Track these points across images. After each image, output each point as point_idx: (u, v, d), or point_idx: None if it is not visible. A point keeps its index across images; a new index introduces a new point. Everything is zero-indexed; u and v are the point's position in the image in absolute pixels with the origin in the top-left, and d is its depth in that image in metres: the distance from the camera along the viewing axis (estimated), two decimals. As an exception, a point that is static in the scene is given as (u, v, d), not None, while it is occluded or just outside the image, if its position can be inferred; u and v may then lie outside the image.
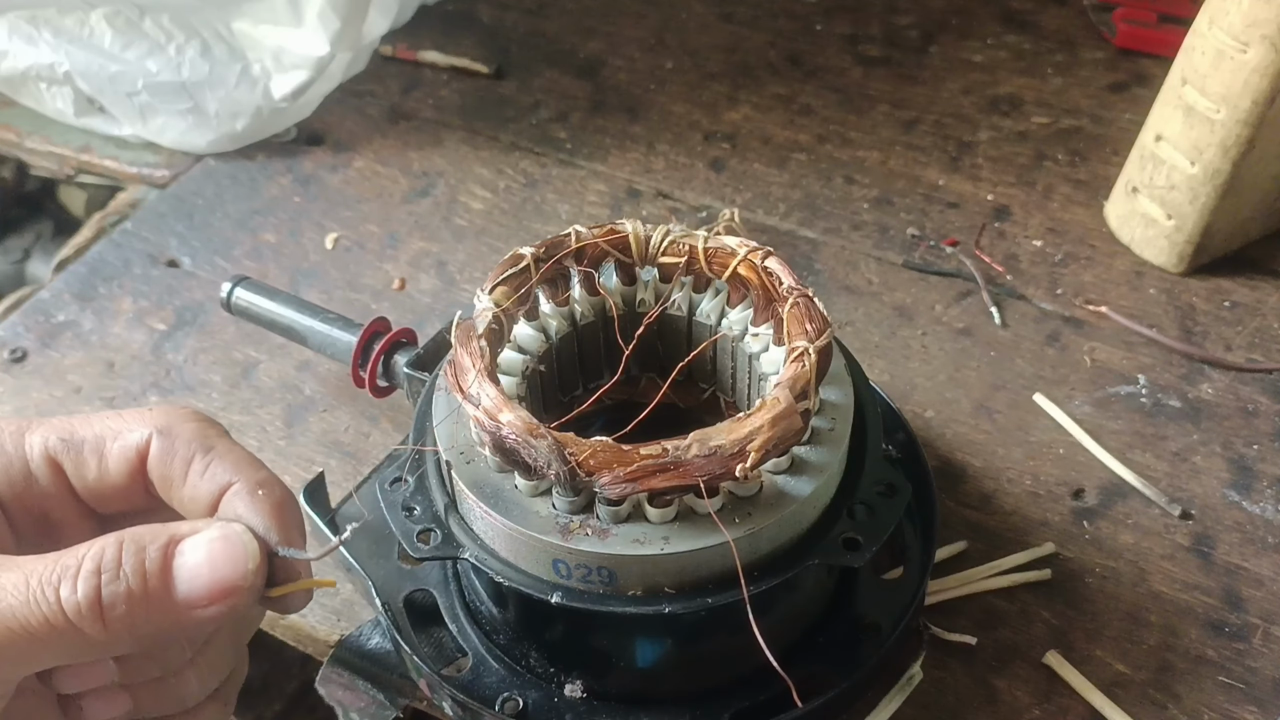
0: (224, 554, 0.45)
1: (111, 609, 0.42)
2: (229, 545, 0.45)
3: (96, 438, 0.50)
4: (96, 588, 0.42)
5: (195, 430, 0.50)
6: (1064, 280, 0.88)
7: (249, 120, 1.01)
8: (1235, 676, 0.63)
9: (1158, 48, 1.09)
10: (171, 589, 0.44)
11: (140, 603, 0.43)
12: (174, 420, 0.50)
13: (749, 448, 0.49)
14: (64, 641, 0.42)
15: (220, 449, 0.50)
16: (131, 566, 0.43)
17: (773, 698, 0.59)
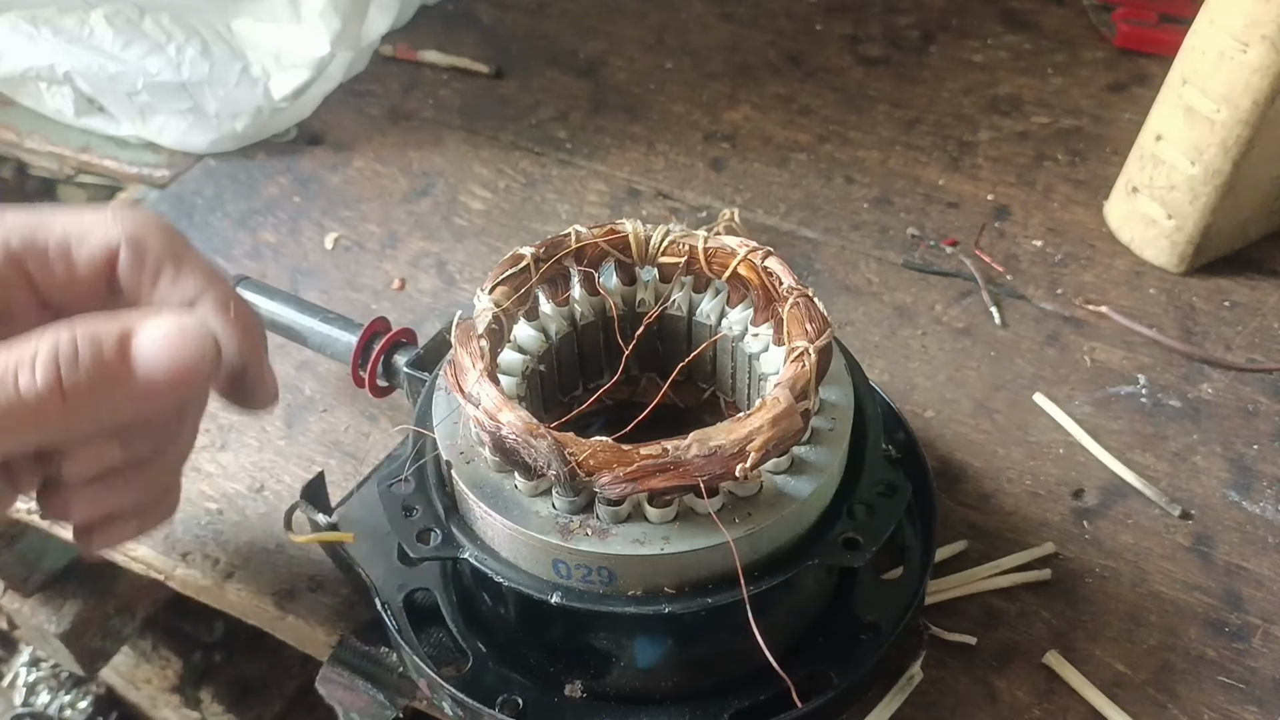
0: (181, 339, 0.45)
1: (73, 391, 0.43)
2: (183, 335, 0.45)
3: (61, 241, 0.49)
4: (56, 372, 0.43)
5: (164, 241, 0.50)
6: (1064, 280, 0.88)
7: (249, 120, 1.01)
8: (1235, 676, 0.63)
9: (1158, 48, 1.09)
10: (131, 371, 0.44)
11: (100, 385, 0.44)
12: (142, 229, 0.49)
13: (749, 448, 0.49)
14: (28, 425, 0.43)
15: (189, 261, 0.49)
16: (90, 352, 0.43)
17: (773, 698, 0.59)
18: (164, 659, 1.15)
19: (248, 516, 0.74)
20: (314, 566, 0.71)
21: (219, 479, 0.76)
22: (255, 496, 0.75)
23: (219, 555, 0.72)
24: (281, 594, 0.70)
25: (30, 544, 0.88)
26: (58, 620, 0.91)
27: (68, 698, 1.20)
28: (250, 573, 0.71)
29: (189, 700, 1.13)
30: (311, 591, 0.70)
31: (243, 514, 0.74)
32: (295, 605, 0.69)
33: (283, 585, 0.70)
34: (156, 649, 1.15)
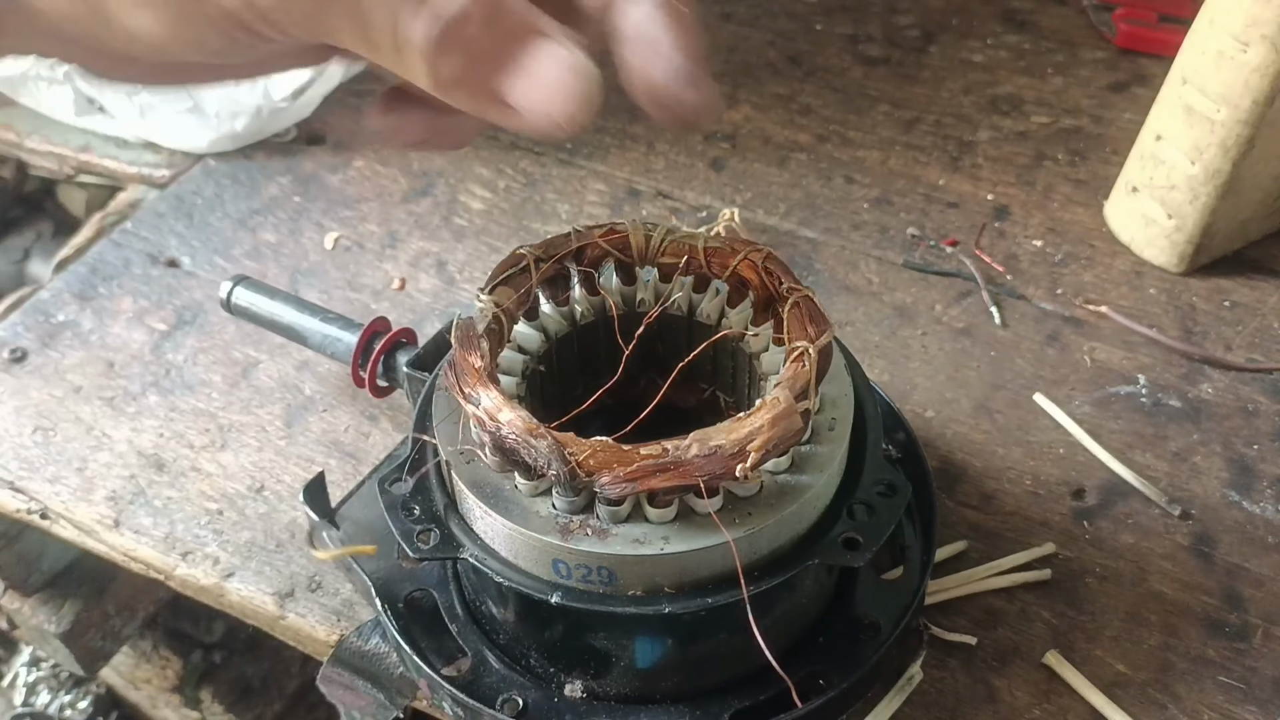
0: (567, 82, 0.41)
1: (442, 75, 0.41)
2: (577, 77, 0.41)
3: None
4: (435, 45, 0.40)
5: None
6: (1064, 280, 0.88)
7: (249, 120, 1.01)
8: (1235, 676, 0.63)
9: (1158, 48, 1.09)
10: (496, 87, 0.42)
11: (468, 82, 0.42)
12: None
13: (749, 448, 0.49)
14: (385, 60, 0.41)
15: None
16: (477, 44, 0.41)
17: (773, 698, 0.59)
18: (164, 659, 1.15)
19: (248, 516, 0.74)
20: (314, 566, 0.71)
21: (219, 479, 0.77)
22: (255, 496, 0.75)
23: (219, 555, 0.72)
24: (281, 594, 0.70)
25: (30, 544, 0.88)
26: (58, 620, 0.91)
27: (68, 698, 1.20)
28: (250, 573, 0.71)
29: (189, 700, 1.13)
30: (311, 591, 0.70)
31: (243, 514, 0.74)
32: (295, 605, 0.69)
33: (283, 585, 0.70)
34: (156, 649, 1.15)
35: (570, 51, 0.42)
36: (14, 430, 0.80)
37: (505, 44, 0.41)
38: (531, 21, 0.42)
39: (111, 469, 0.78)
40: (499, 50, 0.41)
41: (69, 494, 0.76)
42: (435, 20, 0.40)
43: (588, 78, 0.42)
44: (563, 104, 0.42)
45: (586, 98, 0.42)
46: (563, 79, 0.41)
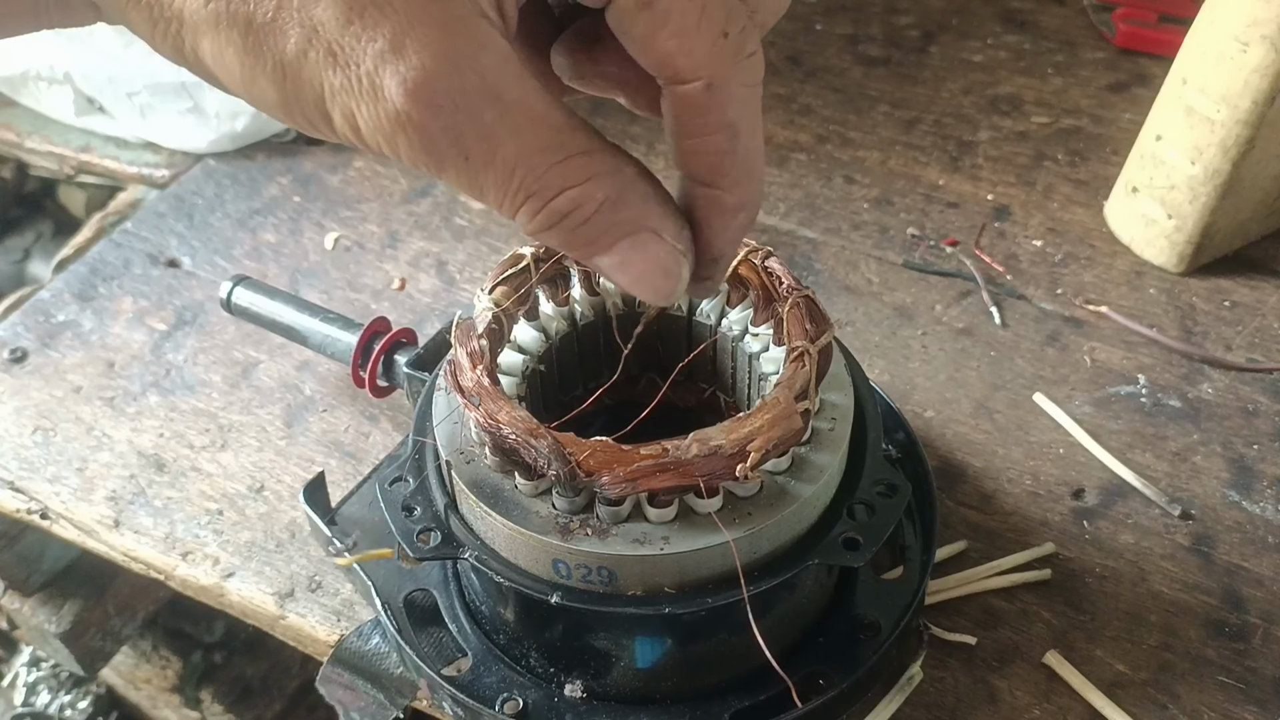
0: (656, 280, 0.44)
1: (540, 238, 0.43)
2: (666, 280, 0.44)
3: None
4: (539, 231, 0.42)
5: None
6: (1064, 280, 0.88)
7: (249, 120, 1.01)
8: (1235, 676, 0.63)
9: (1158, 48, 1.09)
10: (593, 259, 0.44)
11: (571, 253, 0.44)
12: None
13: (749, 448, 0.49)
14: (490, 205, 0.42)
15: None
16: (584, 235, 0.42)
17: (773, 698, 0.59)
18: (164, 659, 1.15)
19: (248, 516, 0.74)
20: (314, 566, 0.71)
21: (219, 479, 0.77)
22: (255, 496, 0.75)
23: (219, 555, 0.72)
24: (281, 594, 0.70)
25: (30, 544, 0.88)
26: (58, 620, 0.91)
27: (68, 698, 1.20)
28: (250, 573, 0.71)
29: (189, 700, 1.13)
30: (311, 591, 0.70)
31: (243, 514, 0.74)
32: (295, 605, 0.69)
33: (283, 585, 0.70)
34: (156, 649, 1.15)
35: (669, 250, 0.44)
36: (14, 430, 0.80)
37: (606, 236, 0.43)
38: (642, 219, 0.43)
39: (112, 469, 0.78)
40: (600, 240, 0.43)
41: (69, 494, 0.76)
42: (547, 214, 0.41)
43: (678, 279, 0.44)
44: (649, 294, 0.44)
45: (672, 293, 0.45)
46: (654, 277, 0.44)
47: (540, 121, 0.41)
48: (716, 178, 0.45)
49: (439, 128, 0.39)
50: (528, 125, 0.40)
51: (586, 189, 0.41)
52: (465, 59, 0.39)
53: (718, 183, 0.45)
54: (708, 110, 0.44)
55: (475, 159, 0.40)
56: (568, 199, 0.41)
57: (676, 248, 0.44)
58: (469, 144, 0.39)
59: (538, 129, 0.40)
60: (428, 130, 0.39)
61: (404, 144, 0.39)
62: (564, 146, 0.41)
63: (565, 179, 0.41)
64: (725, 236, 0.46)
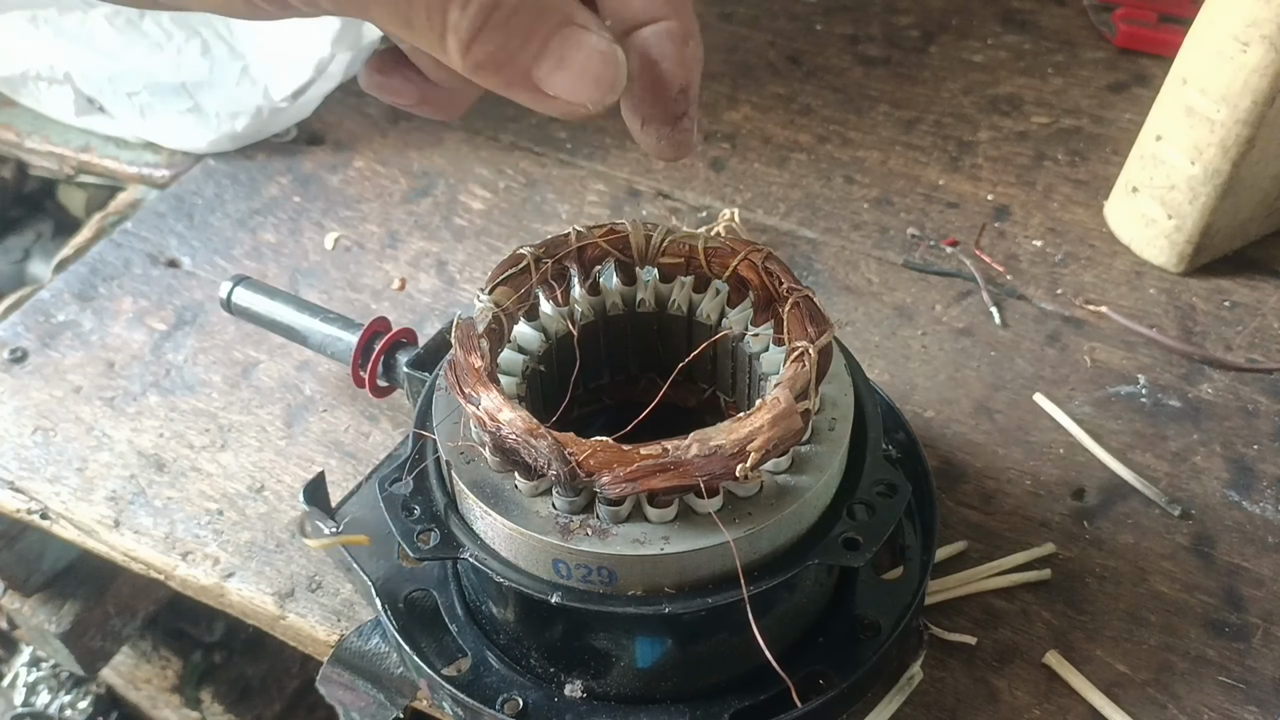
0: (597, 69, 0.44)
1: (477, 62, 0.43)
2: (606, 66, 0.44)
3: None
4: (475, 31, 0.42)
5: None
6: (1064, 280, 0.88)
7: (249, 120, 1.01)
8: (1235, 676, 0.63)
9: (1158, 48, 1.09)
10: (532, 69, 0.44)
11: (501, 66, 0.43)
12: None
13: (749, 448, 0.49)
14: (418, 40, 0.43)
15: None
16: (516, 31, 0.43)
17: (773, 698, 0.59)
18: (164, 659, 1.15)
19: (248, 516, 0.74)
20: (314, 566, 0.71)
21: (219, 479, 0.77)
22: (255, 496, 0.75)
23: (219, 555, 0.72)
24: (281, 594, 0.70)
25: (30, 544, 0.88)
26: (58, 620, 0.91)
27: (68, 698, 1.20)
28: (250, 573, 0.71)
29: (189, 700, 1.13)
30: (311, 591, 0.70)
31: (243, 514, 0.74)
32: (295, 605, 0.69)
33: (283, 585, 0.70)
34: (156, 649, 1.15)
35: (602, 39, 0.44)
36: (14, 430, 0.80)
37: (541, 31, 0.43)
38: (568, 11, 0.44)
39: (112, 469, 0.78)
40: (534, 37, 0.43)
41: (69, 494, 0.76)
42: (477, 6, 0.42)
43: (617, 64, 0.45)
44: (593, 89, 0.44)
45: (615, 83, 0.45)
46: (594, 66, 0.44)
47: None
48: (656, 7, 0.48)
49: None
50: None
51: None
52: None
53: (663, 13, 0.48)
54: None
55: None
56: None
57: (605, 36, 0.45)
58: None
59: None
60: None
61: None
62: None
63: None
64: (686, 63, 0.49)
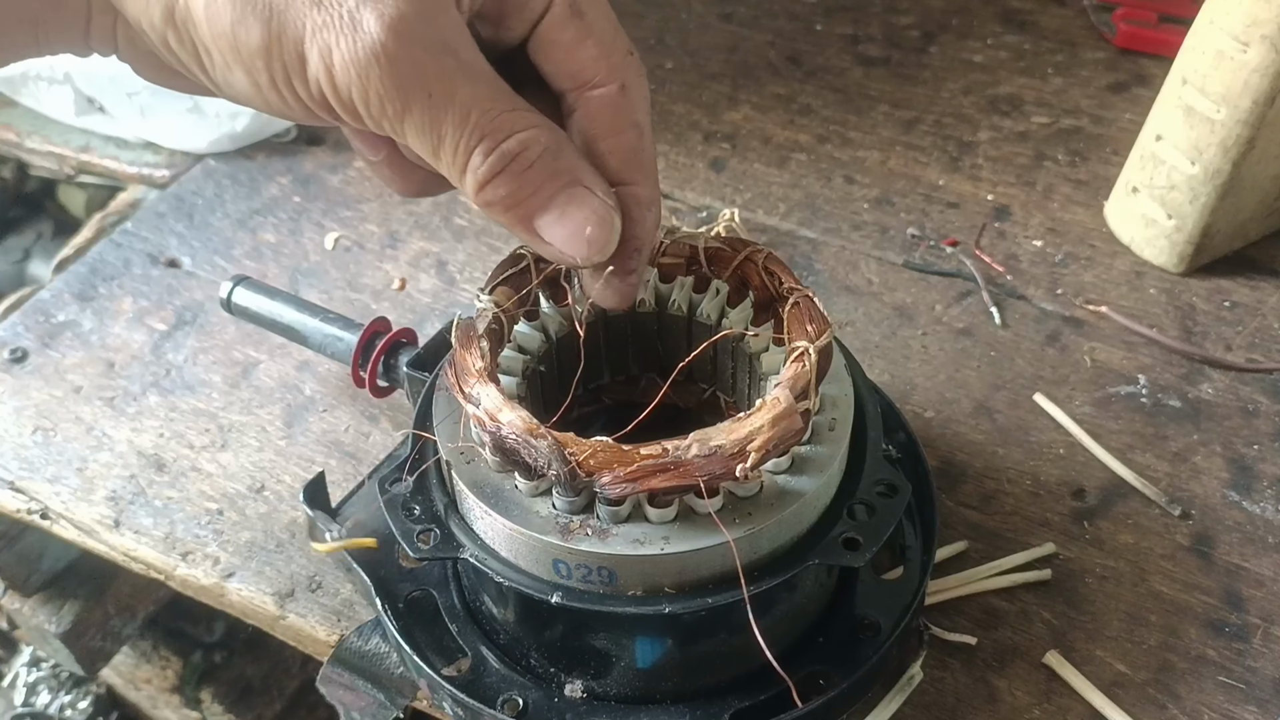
0: (593, 231, 0.49)
1: (487, 200, 0.48)
2: (601, 230, 0.49)
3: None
4: (492, 175, 0.47)
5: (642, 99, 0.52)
6: (1064, 280, 0.88)
7: (249, 120, 1.01)
8: (1235, 676, 0.63)
9: (1158, 48, 1.09)
10: (535, 217, 0.49)
11: (509, 208, 0.49)
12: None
13: (749, 448, 0.49)
14: (440, 169, 0.48)
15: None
16: (528, 182, 0.48)
17: (773, 698, 0.59)
18: (164, 659, 1.15)
19: (248, 516, 0.74)
20: (314, 566, 0.71)
21: (219, 479, 0.77)
22: (255, 496, 0.75)
23: (219, 555, 0.72)
24: (281, 594, 0.70)
25: (30, 544, 0.88)
26: (58, 620, 0.91)
27: (68, 698, 1.20)
28: (250, 573, 0.71)
29: (189, 700, 1.13)
30: (311, 591, 0.70)
31: (243, 514, 0.74)
32: (295, 605, 0.69)
33: (283, 585, 0.70)
34: (156, 649, 1.15)
35: (603, 204, 0.49)
36: (14, 430, 0.80)
37: (550, 186, 0.48)
38: (578, 173, 0.49)
39: (112, 469, 0.78)
40: (543, 190, 0.48)
41: (69, 494, 0.76)
42: (499, 155, 0.47)
43: (612, 229, 0.50)
44: (585, 247, 0.49)
45: (606, 246, 0.50)
46: (591, 228, 0.49)
47: (491, 78, 0.47)
48: (630, 172, 0.51)
49: (409, 61, 0.44)
50: (481, 77, 0.47)
51: (532, 134, 0.47)
52: (433, 13, 0.45)
53: (631, 177, 0.51)
54: (620, 110, 0.51)
55: (437, 97, 0.45)
56: (517, 141, 0.47)
57: (608, 202, 0.49)
58: (431, 81, 0.45)
59: (490, 82, 0.47)
60: (399, 62, 0.44)
61: (375, 78, 0.44)
62: (511, 100, 0.47)
63: (514, 124, 0.47)
64: (644, 227, 0.52)
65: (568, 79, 0.51)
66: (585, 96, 0.51)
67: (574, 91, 0.51)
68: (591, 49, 0.50)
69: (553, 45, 0.50)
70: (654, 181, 0.52)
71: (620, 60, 0.51)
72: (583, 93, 0.51)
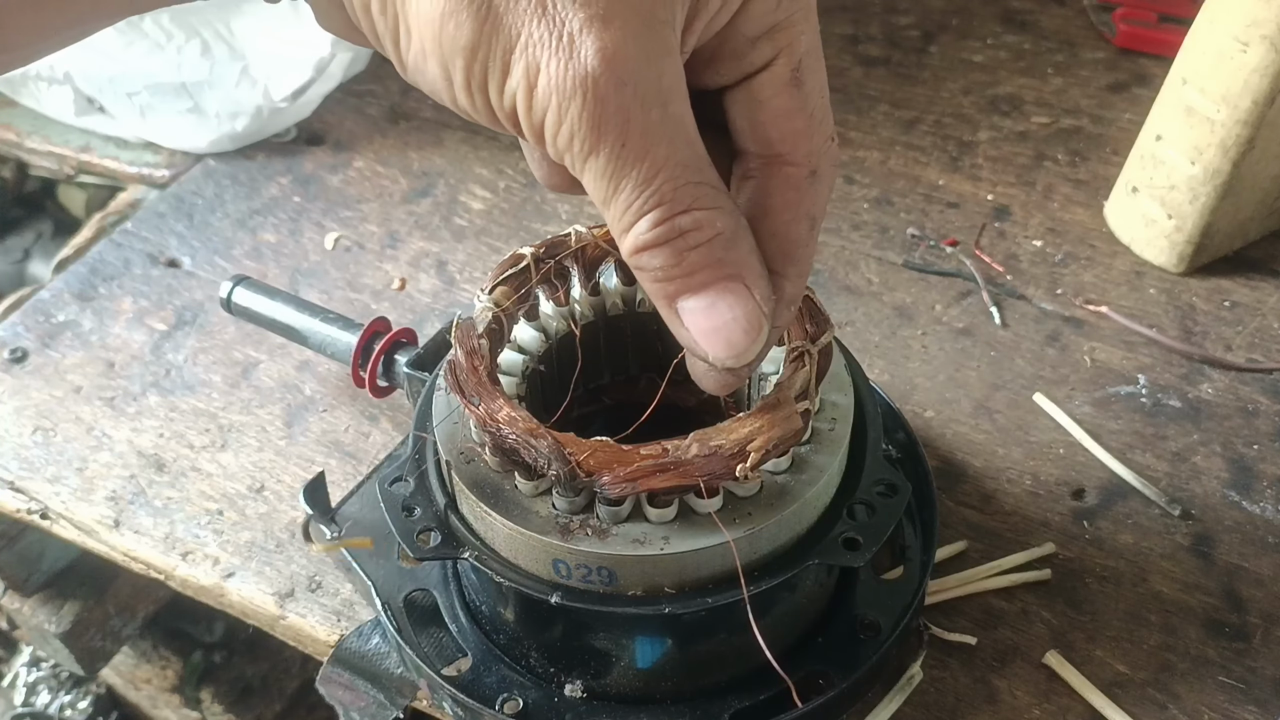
0: (737, 334, 0.44)
1: (640, 264, 0.44)
2: (745, 336, 0.44)
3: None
4: (651, 244, 0.43)
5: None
6: (1064, 280, 0.88)
7: (249, 120, 1.01)
8: (1235, 676, 0.63)
9: (1158, 48, 1.09)
10: (679, 299, 0.44)
11: (657, 280, 0.44)
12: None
13: (749, 448, 0.49)
14: (603, 211, 0.44)
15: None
16: (687, 264, 0.43)
17: (773, 698, 0.59)
18: (164, 659, 1.15)
19: (248, 516, 0.74)
20: (314, 566, 0.71)
21: (219, 479, 0.77)
22: (255, 496, 0.75)
23: (219, 555, 0.72)
24: (282, 594, 0.70)
25: (30, 544, 0.88)
26: (58, 620, 0.91)
27: (68, 698, 1.20)
28: (250, 573, 0.71)
29: (189, 700, 1.13)
30: (311, 591, 0.70)
31: (243, 514, 0.74)
32: (295, 605, 0.69)
33: (283, 585, 0.70)
34: (156, 649, 1.15)
35: (756, 308, 0.44)
36: (14, 430, 0.80)
37: (709, 274, 0.44)
38: (744, 269, 0.44)
39: (112, 469, 0.78)
40: (699, 274, 0.43)
41: (69, 494, 0.76)
42: (669, 228, 0.42)
43: (758, 337, 0.44)
44: (723, 348, 0.44)
45: (745, 353, 0.45)
46: (736, 330, 0.44)
47: (693, 142, 0.42)
48: (785, 265, 0.46)
49: (616, 101, 0.40)
50: (682, 139, 0.42)
51: (711, 215, 0.42)
52: (655, 56, 0.41)
53: (785, 270, 0.47)
54: (804, 198, 0.46)
55: (631, 148, 0.41)
56: (692, 219, 0.42)
57: (763, 310, 0.44)
58: (631, 130, 0.40)
59: (690, 146, 0.42)
60: (605, 100, 0.40)
61: (574, 111, 0.40)
62: (704, 172, 0.42)
63: (697, 199, 0.42)
64: (777, 326, 0.47)
65: (761, 144, 0.47)
66: (772, 170, 0.46)
67: (762, 159, 0.47)
68: (799, 123, 0.46)
69: (759, 106, 0.46)
70: (805, 279, 0.48)
71: (821, 145, 0.47)
72: (771, 165, 0.46)
